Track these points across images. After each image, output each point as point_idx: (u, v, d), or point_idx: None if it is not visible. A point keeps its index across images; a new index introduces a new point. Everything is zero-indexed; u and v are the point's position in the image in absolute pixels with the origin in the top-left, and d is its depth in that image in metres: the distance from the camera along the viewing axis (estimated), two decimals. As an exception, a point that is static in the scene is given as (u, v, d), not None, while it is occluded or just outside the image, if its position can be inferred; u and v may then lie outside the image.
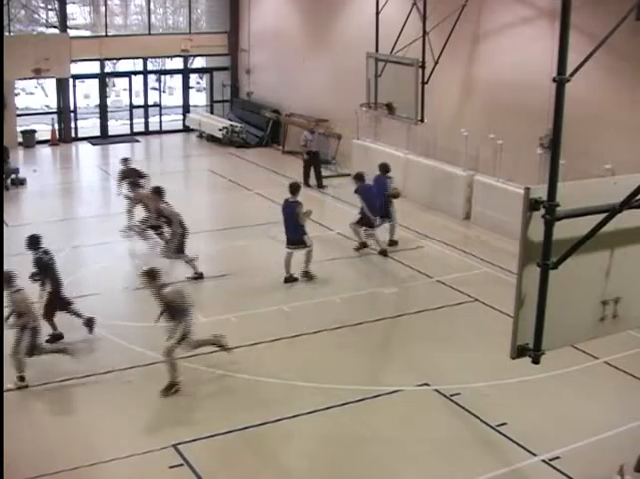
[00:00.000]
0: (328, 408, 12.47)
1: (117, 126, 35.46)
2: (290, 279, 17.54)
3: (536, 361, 7.15)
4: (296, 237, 17.50)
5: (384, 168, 19.86)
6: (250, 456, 11.43)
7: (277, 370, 13.63)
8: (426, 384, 13.17)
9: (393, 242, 19.91)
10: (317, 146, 25.93)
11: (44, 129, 33.25)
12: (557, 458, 11.14)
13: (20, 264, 17.45)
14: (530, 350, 7.10)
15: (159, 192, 18.04)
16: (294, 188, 17.79)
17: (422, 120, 21.72)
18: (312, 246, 17.60)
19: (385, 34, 22.71)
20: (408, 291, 17.57)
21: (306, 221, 17.56)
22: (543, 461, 11.13)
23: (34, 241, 14.79)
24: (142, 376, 13.55)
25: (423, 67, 21.32)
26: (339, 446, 11.68)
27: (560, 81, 6.55)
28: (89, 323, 14.83)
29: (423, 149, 23.98)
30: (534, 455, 11.27)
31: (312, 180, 25.35)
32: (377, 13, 23.01)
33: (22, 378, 12.97)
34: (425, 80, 21.37)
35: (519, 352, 7.14)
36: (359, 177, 19.56)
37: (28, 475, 10.69)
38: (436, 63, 21.35)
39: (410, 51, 21.59)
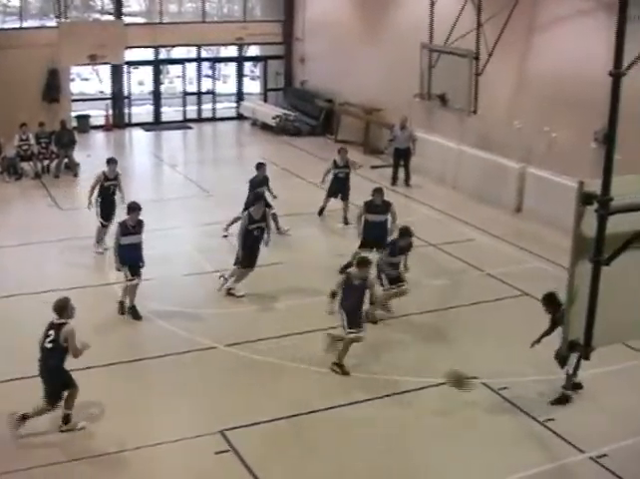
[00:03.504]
0: (376, 398, 12.51)
1: (170, 113, 35.62)
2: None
3: (586, 357, 7.11)
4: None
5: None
6: (297, 444, 11.50)
7: (324, 360, 13.64)
8: (474, 377, 13.11)
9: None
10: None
11: (98, 114, 33.53)
12: (605, 456, 11.04)
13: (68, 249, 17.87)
14: (580, 345, 7.05)
15: None
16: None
17: (475, 112, 21.60)
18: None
19: (439, 25, 22.60)
20: (457, 284, 17.48)
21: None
22: (590, 458, 11.05)
23: None
24: (191, 361, 13.69)
25: (477, 59, 21.19)
26: (383, 437, 11.69)
27: (616, 75, 6.49)
28: None
29: (476, 141, 23.86)
30: (582, 452, 11.19)
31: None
32: (432, 4, 22.91)
33: None
34: (479, 72, 21.25)
35: (570, 347, 7.10)
36: None
37: (75, 457, 10.87)
38: (490, 55, 21.20)
39: (464, 42, 21.47)
